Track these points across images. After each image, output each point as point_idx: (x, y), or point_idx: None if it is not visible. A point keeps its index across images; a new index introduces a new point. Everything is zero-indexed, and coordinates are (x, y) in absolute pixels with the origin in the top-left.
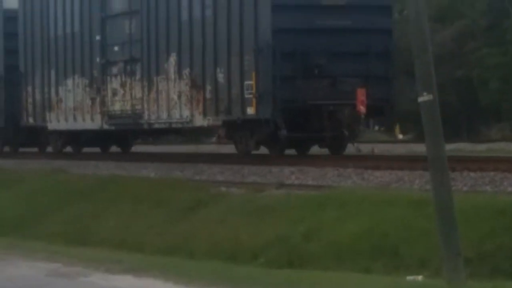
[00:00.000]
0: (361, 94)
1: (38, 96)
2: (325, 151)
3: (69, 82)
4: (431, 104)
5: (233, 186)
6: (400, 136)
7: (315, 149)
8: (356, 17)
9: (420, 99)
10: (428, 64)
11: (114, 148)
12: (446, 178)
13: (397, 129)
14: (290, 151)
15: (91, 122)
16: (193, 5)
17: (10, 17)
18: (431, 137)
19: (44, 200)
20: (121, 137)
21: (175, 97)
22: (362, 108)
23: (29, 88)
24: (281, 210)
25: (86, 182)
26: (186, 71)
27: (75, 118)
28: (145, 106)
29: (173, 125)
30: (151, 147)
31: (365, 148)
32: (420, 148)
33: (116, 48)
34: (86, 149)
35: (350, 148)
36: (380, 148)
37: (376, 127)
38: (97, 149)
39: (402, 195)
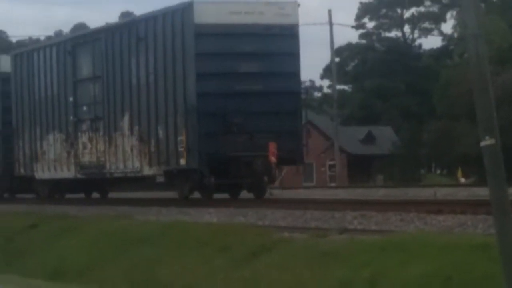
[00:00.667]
0: (272, 147)
1: (27, 150)
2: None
3: (51, 137)
4: (493, 148)
5: (295, 232)
6: (462, 180)
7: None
8: (268, 82)
9: (483, 144)
10: (489, 108)
11: (171, 194)
12: (509, 221)
13: (459, 172)
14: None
15: (68, 171)
16: (140, 72)
17: (6, 78)
18: (494, 181)
19: (108, 246)
20: (97, 185)
21: (129, 150)
22: (273, 159)
23: (20, 142)
24: (344, 255)
25: (150, 227)
26: (136, 128)
27: (55, 169)
28: (107, 158)
29: (128, 174)
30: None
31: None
32: (482, 192)
33: (84, 108)
34: (147, 195)
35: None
36: (442, 192)
37: (438, 171)
38: (145, 195)
39: (465, 239)
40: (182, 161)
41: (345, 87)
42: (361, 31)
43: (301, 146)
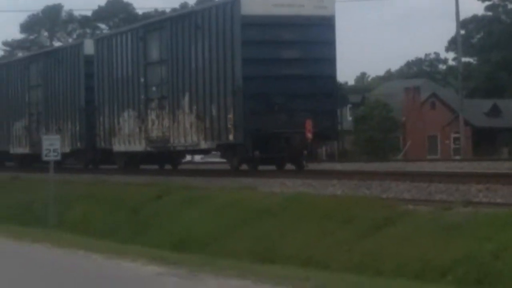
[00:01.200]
0: (309, 125)
1: (106, 125)
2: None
3: (126, 114)
4: None
5: (420, 204)
6: None
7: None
8: (307, 67)
9: None
10: None
11: (289, 166)
12: None
13: None
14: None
15: (139, 145)
16: (198, 57)
17: (89, 61)
18: None
19: (231, 217)
20: (164, 157)
21: (188, 126)
22: (309, 135)
23: (101, 118)
24: (468, 228)
25: (273, 199)
26: (194, 107)
27: (129, 142)
28: (171, 133)
29: (188, 148)
30: (337, 164)
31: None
32: None
33: (153, 88)
34: (261, 167)
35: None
36: None
37: None
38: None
39: None
40: (231, 137)
41: (471, 60)
42: (487, 3)
43: (336, 124)
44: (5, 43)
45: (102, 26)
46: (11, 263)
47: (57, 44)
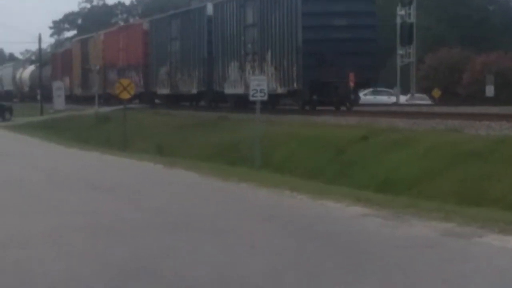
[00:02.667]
0: (352, 76)
1: (220, 72)
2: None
3: (232, 64)
4: None
5: None
6: None
7: None
8: (352, 32)
9: None
10: None
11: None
12: None
13: None
14: None
15: (240, 89)
16: (276, 23)
17: (210, 20)
18: None
19: (437, 159)
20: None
21: (270, 76)
22: (351, 84)
23: (216, 67)
24: None
25: (480, 142)
26: (274, 61)
27: (234, 87)
28: None
29: (270, 92)
30: None
31: None
32: None
33: (249, 45)
34: None
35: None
36: None
37: None
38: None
39: None
40: (295, 84)
41: None
42: None
43: (375, 74)
44: None
45: None
46: (220, 201)
47: None
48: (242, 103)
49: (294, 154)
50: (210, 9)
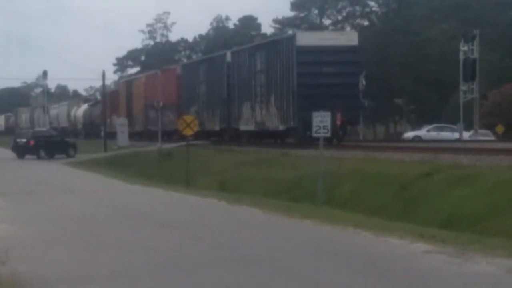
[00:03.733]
0: (339, 116)
1: (236, 112)
2: None
3: (245, 104)
4: None
5: None
6: None
7: None
8: (339, 78)
9: None
10: None
11: None
12: None
13: None
14: None
15: (251, 126)
16: (277, 70)
17: (229, 66)
18: None
19: (502, 196)
20: (265, 135)
21: (273, 115)
22: (338, 122)
23: (233, 107)
24: None
25: None
26: (276, 102)
27: (247, 124)
28: (265, 119)
29: (274, 129)
30: None
31: None
32: None
33: (258, 89)
34: None
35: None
36: None
37: None
38: None
39: None
40: (292, 122)
41: None
42: None
43: (358, 114)
44: (276, 21)
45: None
46: (284, 238)
47: (327, 21)
48: (254, 138)
49: (357, 190)
50: (229, 56)
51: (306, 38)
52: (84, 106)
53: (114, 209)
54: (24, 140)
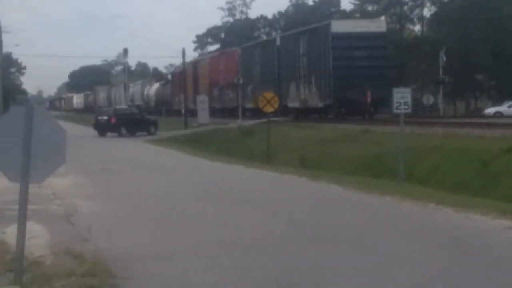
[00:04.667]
0: (369, 94)
1: (284, 91)
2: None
3: (291, 84)
4: None
5: None
6: None
7: None
8: (370, 61)
9: None
10: None
11: None
12: None
13: None
14: None
15: (297, 103)
16: (317, 54)
17: (279, 50)
18: None
19: None
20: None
21: (314, 94)
22: (368, 100)
23: (283, 86)
24: None
25: None
26: (316, 82)
27: (293, 102)
28: (307, 97)
29: (315, 106)
30: None
31: None
32: None
33: (301, 70)
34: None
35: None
36: None
37: None
38: None
39: None
40: (328, 100)
41: None
42: None
43: (387, 93)
44: None
45: None
46: (364, 214)
47: None
48: (300, 113)
49: (438, 167)
50: (278, 40)
51: (340, 26)
52: (156, 85)
53: (194, 185)
54: (105, 117)
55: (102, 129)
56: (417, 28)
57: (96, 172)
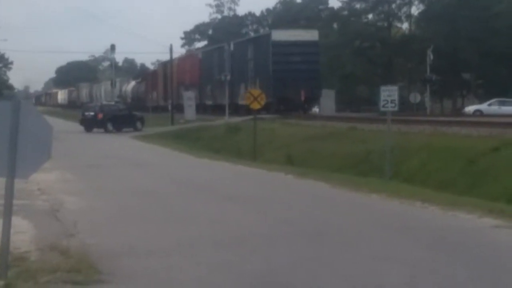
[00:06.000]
0: (302, 93)
1: (236, 90)
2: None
3: (241, 85)
4: None
5: None
6: None
7: None
8: (303, 65)
9: None
10: None
11: None
12: None
13: None
14: None
15: (245, 101)
16: (259, 59)
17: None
18: None
19: None
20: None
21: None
22: (302, 99)
23: (235, 87)
24: None
25: None
26: (260, 83)
27: (242, 99)
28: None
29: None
30: None
31: None
32: None
33: (249, 72)
34: None
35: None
36: None
37: None
38: None
39: None
40: (269, 99)
41: None
42: None
43: (317, 93)
44: None
45: None
46: (351, 212)
47: None
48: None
49: (425, 165)
50: (232, 46)
51: (279, 35)
52: (132, 83)
53: (181, 182)
54: (92, 113)
55: (89, 124)
56: (405, 26)
57: (81, 167)
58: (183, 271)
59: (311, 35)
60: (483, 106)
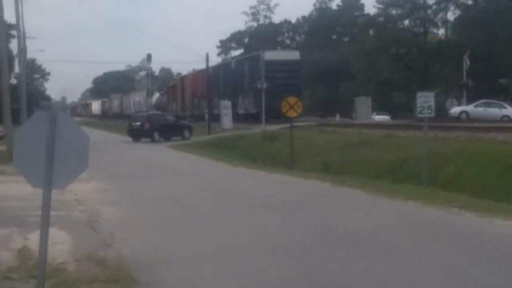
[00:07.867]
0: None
1: (237, 101)
2: None
3: (240, 96)
4: None
5: None
6: None
7: None
8: (287, 80)
9: None
10: None
11: None
12: None
13: None
14: None
15: (243, 110)
16: (252, 76)
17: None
18: None
19: None
20: (252, 117)
21: (252, 103)
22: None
23: (236, 98)
24: None
25: None
26: (253, 95)
27: (241, 109)
28: (247, 106)
29: (252, 112)
30: None
31: None
32: None
33: (245, 86)
34: None
35: None
36: None
37: None
38: None
39: None
40: (260, 108)
41: None
42: None
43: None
44: (379, 1)
45: None
46: (388, 219)
47: (431, 1)
48: (244, 117)
49: (461, 171)
50: (233, 64)
51: (269, 55)
52: (157, 95)
53: (218, 191)
54: (138, 123)
55: (136, 134)
56: (441, 31)
57: (120, 177)
58: (221, 280)
59: (293, 55)
60: (469, 108)
